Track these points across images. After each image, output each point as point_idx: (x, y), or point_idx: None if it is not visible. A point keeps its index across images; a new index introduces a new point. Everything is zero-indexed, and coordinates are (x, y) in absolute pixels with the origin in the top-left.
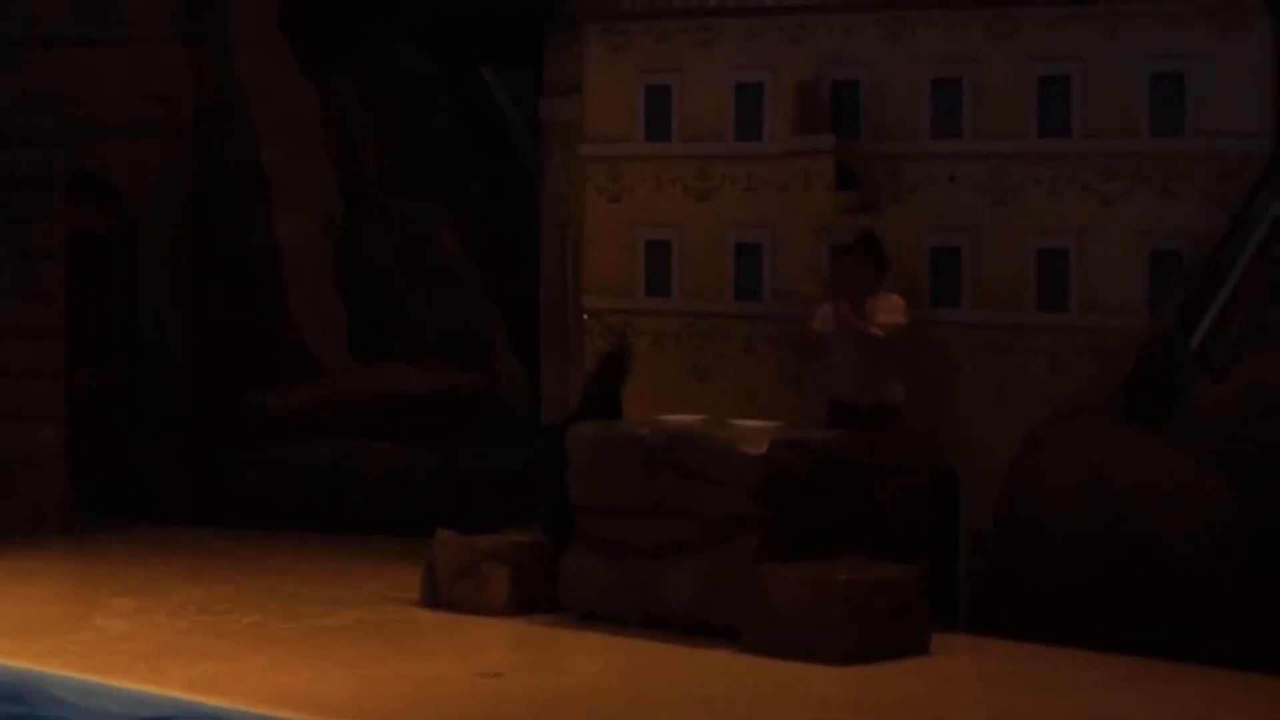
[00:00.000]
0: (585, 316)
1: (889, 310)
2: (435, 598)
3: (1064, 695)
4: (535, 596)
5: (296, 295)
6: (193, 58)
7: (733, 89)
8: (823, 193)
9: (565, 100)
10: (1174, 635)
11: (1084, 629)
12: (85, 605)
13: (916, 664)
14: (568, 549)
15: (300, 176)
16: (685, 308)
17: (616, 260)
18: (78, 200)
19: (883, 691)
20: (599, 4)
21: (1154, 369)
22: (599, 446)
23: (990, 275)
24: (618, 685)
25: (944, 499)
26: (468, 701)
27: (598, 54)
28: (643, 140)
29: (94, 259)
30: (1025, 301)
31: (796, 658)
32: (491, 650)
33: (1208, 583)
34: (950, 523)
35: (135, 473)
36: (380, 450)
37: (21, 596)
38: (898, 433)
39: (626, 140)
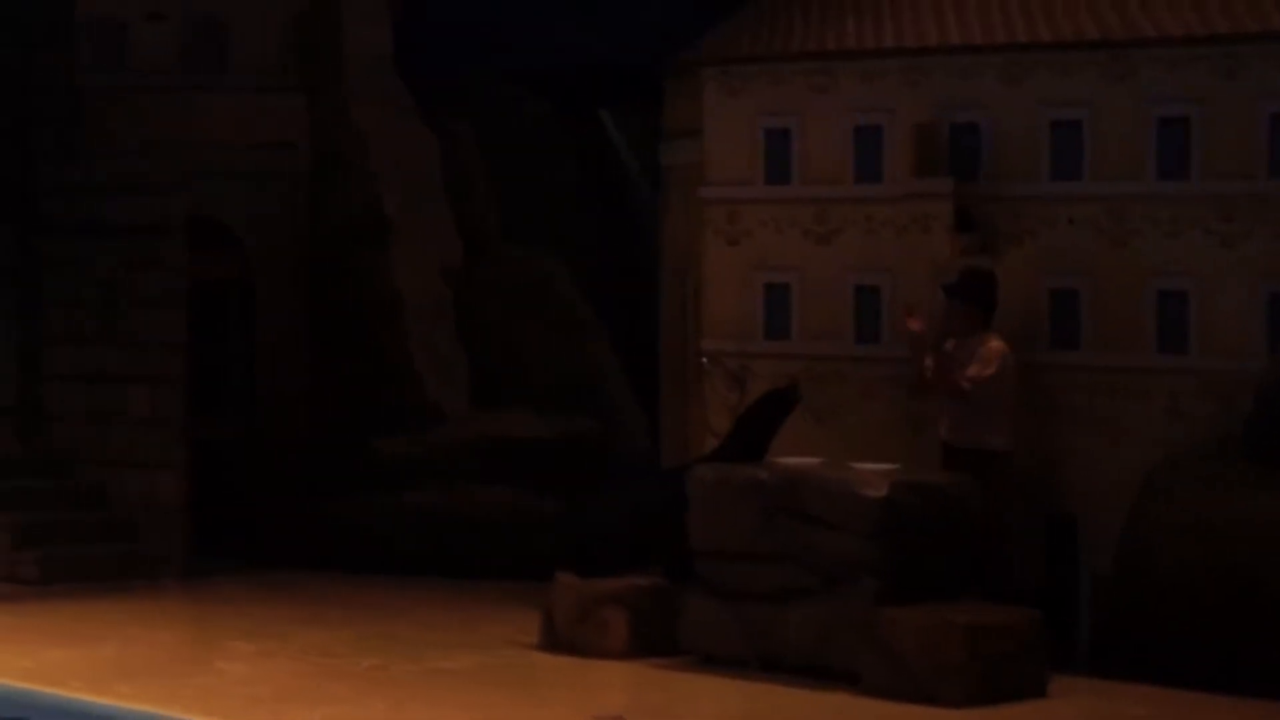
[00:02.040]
0: (704, 360)
1: (981, 361)
2: (554, 641)
3: None
4: (654, 640)
5: (416, 342)
6: (310, 104)
7: (851, 131)
8: (941, 235)
9: (684, 144)
10: None
11: (1204, 672)
12: (205, 649)
13: (1035, 707)
14: (687, 592)
15: (419, 223)
16: (804, 350)
17: (736, 303)
18: (197, 247)
19: None
20: (717, 48)
21: (1272, 411)
22: (718, 490)
23: (1109, 318)
24: None
25: (1063, 543)
26: None
27: (716, 97)
28: (762, 183)
29: (213, 306)
30: (1144, 344)
31: (916, 700)
32: (610, 693)
33: None
34: (1070, 567)
35: (254, 520)
36: (499, 496)
37: (142, 640)
38: (1001, 478)
39: (746, 184)
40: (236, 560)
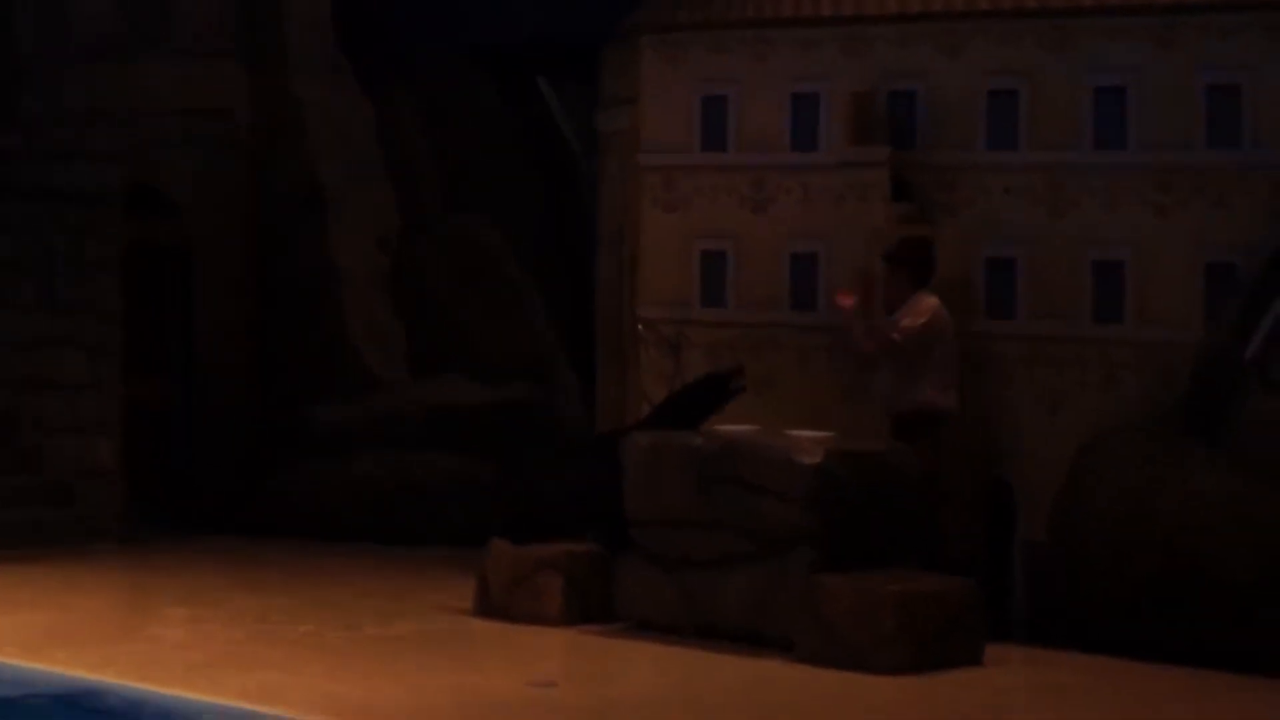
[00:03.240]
0: (640, 327)
1: (911, 313)
2: (489, 608)
3: (1116, 707)
4: (589, 606)
5: (353, 311)
6: (250, 74)
7: (789, 99)
8: (878, 204)
9: (622, 112)
10: (1227, 647)
11: (1137, 641)
12: (141, 615)
13: (969, 675)
14: (623, 559)
15: (357, 194)
16: (741, 318)
17: (672, 270)
18: (135, 214)
19: (934, 702)
20: (655, 16)
21: (1209, 382)
22: (653, 457)
23: (1045, 287)
24: (671, 695)
25: (1000, 511)
26: (521, 711)
27: (654, 65)
28: (699, 150)
29: (152, 273)
30: (1081, 313)
31: (849, 668)
32: (545, 660)
33: (1261, 594)
34: (1006, 535)
35: (191, 485)
36: (437, 462)
37: (77, 607)
38: (946, 441)
39: (683, 150)
40: (175, 526)
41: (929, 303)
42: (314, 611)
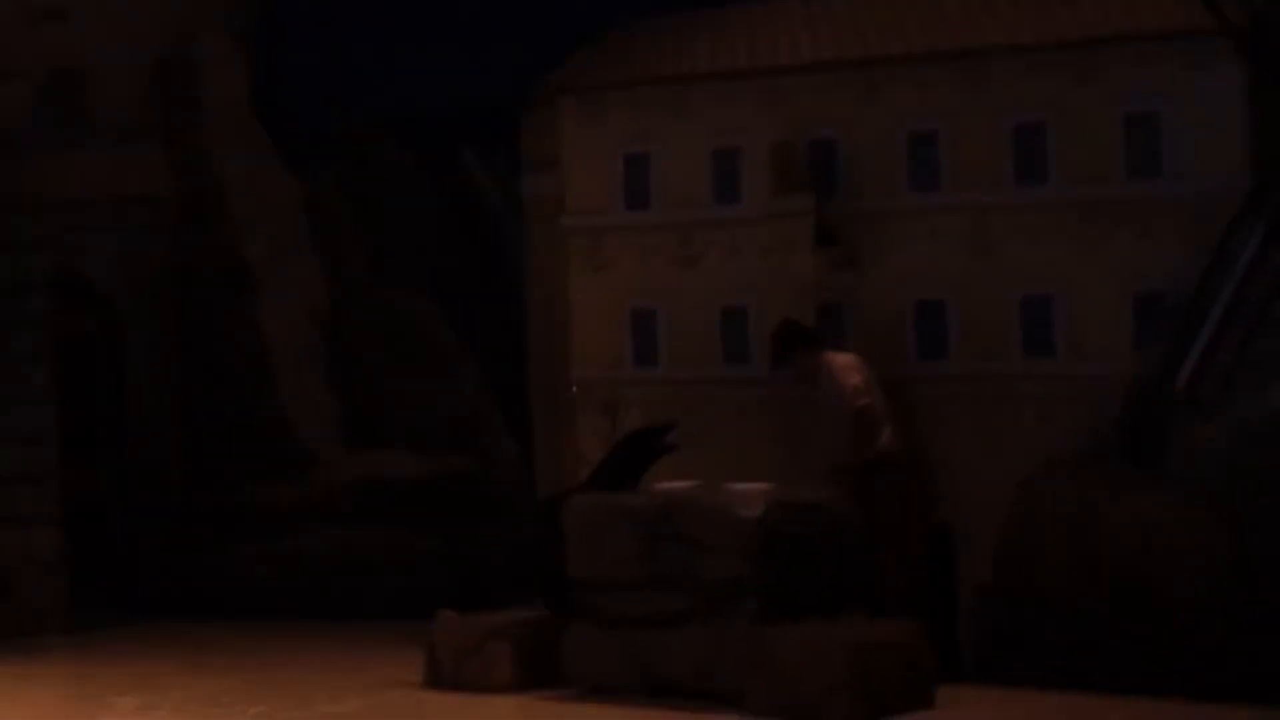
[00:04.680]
0: (574, 389)
1: (841, 373)
2: (440, 679)
3: None
4: (541, 673)
5: (286, 387)
6: (170, 155)
7: (710, 154)
8: (805, 253)
9: (545, 175)
10: (1176, 674)
11: (1087, 674)
12: (88, 705)
13: (922, 719)
14: (570, 623)
15: (284, 269)
16: (674, 375)
17: (604, 331)
18: (62, 304)
19: None
20: (574, 77)
21: (1142, 411)
22: (593, 518)
23: (976, 327)
24: None
25: (942, 553)
26: None
27: (574, 126)
28: (624, 210)
29: (81, 360)
30: (1011, 351)
31: (801, 719)
32: None
33: (1207, 620)
34: (950, 577)
35: (132, 572)
36: (376, 535)
37: (24, 700)
38: (885, 485)
39: (608, 211)
40: (118, 613)
41: (844, 359)
42: (264, 692)
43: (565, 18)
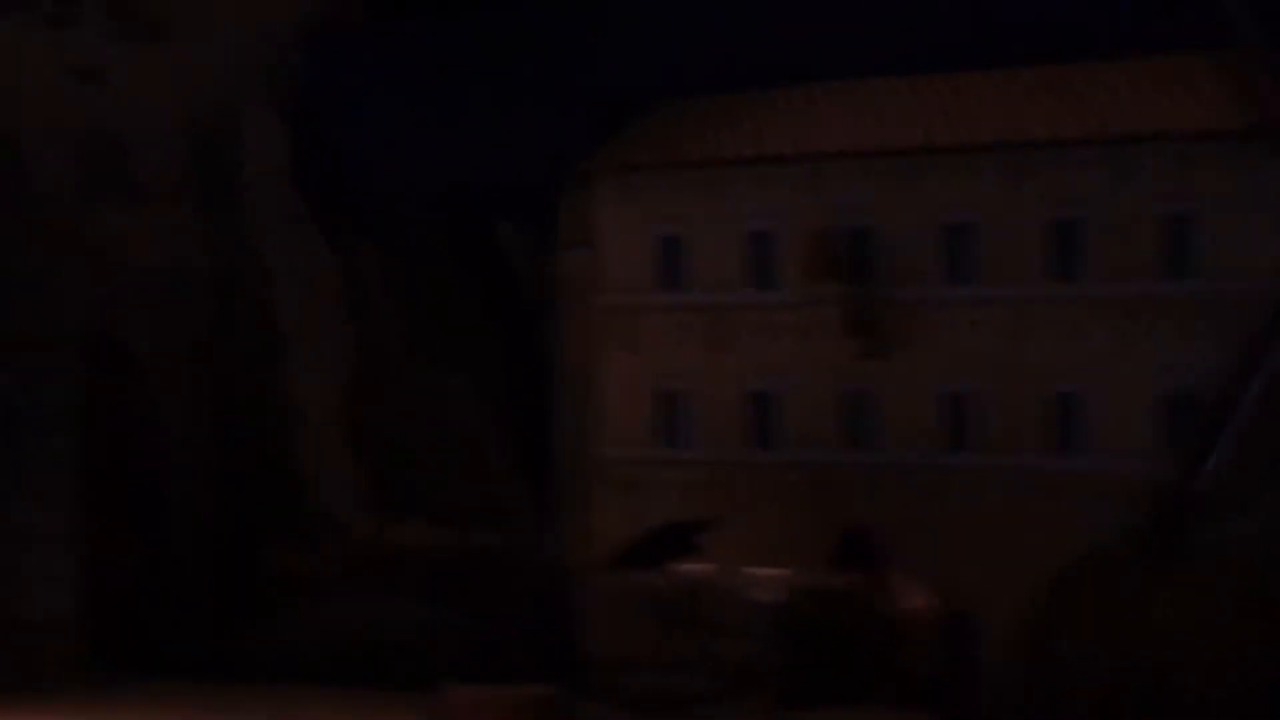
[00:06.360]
0: (602, 467)
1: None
2: None
3: None
4: None
5: (315, 458)
6: (208, 222)
7: (746, 237)
8: (838, 339)
9: (580, 254)
10: None
11: None
12: None
13: None
14: (587, 701)
15: (318, 340)
16: (704, 456)
17: (633, 410)
18: (97, 366)
19: None
20: (611, 158)
21: (1170, 508)
22: (615, 599)
23: (1008, 418)
24: None
25: (965, 643)
26: None
27: (611, 206)
28: (657, 290)
29: (116, 424)
30: (1043, 444)
31: None
32: None
33: (1232, 712)
34: (969, 663)
35: (159, 633)
36: (401, 608)
37: None
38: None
39: (641, 290)
40: (142, 675)
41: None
42: None
43: (608, 98)
